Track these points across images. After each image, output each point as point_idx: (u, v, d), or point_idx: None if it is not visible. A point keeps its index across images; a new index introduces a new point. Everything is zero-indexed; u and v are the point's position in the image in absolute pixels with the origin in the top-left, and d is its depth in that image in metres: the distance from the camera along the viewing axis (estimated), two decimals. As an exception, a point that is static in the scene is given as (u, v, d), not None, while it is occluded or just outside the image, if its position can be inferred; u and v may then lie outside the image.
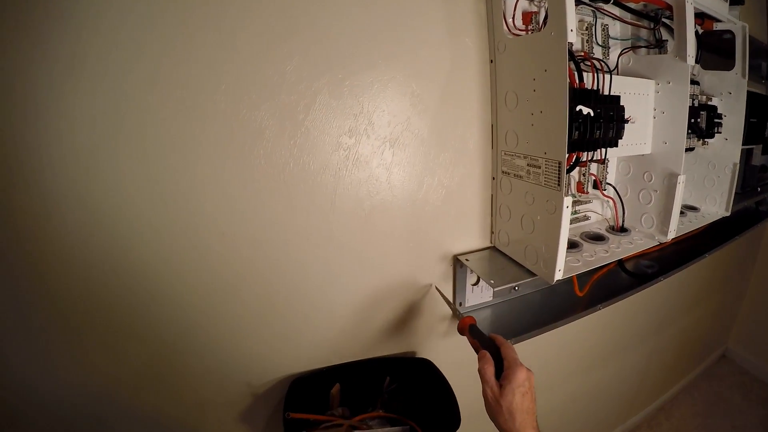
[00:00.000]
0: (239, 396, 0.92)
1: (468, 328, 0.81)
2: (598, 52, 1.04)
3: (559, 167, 0.76)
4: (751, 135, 1.45)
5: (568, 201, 0.77)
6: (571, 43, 0.69)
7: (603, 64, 0.86)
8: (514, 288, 0.88)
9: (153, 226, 0.71)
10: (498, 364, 0.68)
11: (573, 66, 0.83)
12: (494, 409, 0.64)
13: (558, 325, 1.05)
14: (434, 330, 1.12)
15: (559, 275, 0.84)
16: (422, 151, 0.91)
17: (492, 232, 1.05)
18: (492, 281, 0.89)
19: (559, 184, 0.77)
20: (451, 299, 1.08)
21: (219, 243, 0.77)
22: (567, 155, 0.75)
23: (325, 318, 0.94)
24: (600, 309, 1.13)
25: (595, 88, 0.86)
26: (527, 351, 0.98)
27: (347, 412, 0.95)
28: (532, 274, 0.92)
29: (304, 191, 0.82)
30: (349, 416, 0.93)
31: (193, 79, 0.68)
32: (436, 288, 1.02)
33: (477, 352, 0.73)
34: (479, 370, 0.67)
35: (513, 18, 0.87)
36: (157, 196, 0.70)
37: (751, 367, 2.74)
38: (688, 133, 1.02)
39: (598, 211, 1.22)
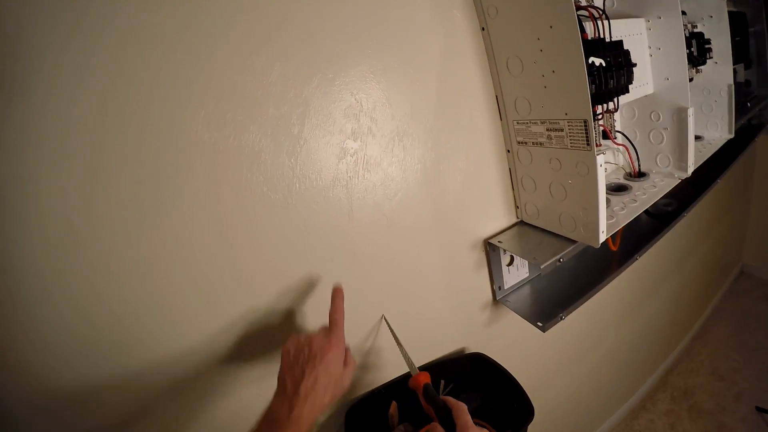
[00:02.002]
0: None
1: (422, 389, 0.72)
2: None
3: (586, 126, 0.72)
4: (737, 54, 1.43)
5: (600, 159, 0.73)
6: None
7: (599, 10, 0.82)
8: (559, 261, 0.84)
9: (149, 286, 0.64)
10: (451, 429, 0.63)
11: (572, 17, 0.78)
12: None
13: (603, 285, 1.02)
14: (476, 321, 1.08)
15: (603, 237, 0.80)
16: (432, 138, 0.85)
17: (517, 207, 1.01)
18: (536, 259, 0.84)
19: (588, 144, 0.73)
20: (488, 284, 1.04)
21: (236, 288, 0.71)
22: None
23: (366, 337, 0.89)
24: (638, 259, 1.10)
25: (598, 36, 0.82)
26: (566, 319, 0.96)
27: (410, 428, 0.90)
28: (571, 242, 0.88)
29: (316, 211, 0.75)
30: (413, 431, 0.89)
31: (166, 111, 0.60)
32: (386, 320, 0.89)
33: (431, 416, 0.68)
34: None
35: (497, -22, 0.81)
36: (149, 253, 0.62)
37: (770, 276, 2.78)
38: (685, 64, 0.99)
39: (612, 161, 1.19)
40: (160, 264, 0.63)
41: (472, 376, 0.96)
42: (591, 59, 0.76)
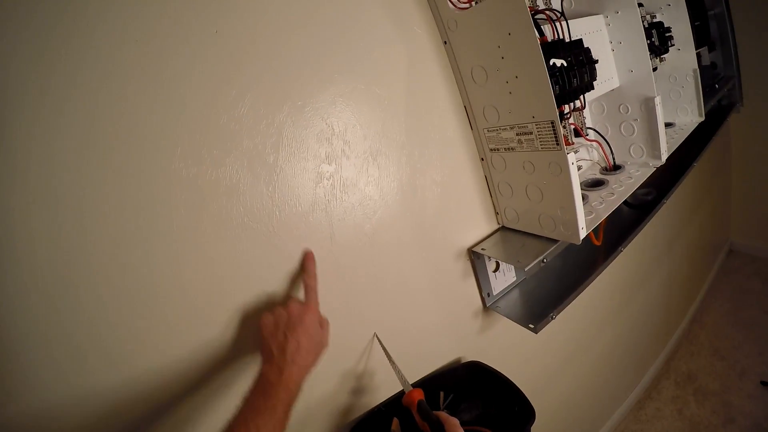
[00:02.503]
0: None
1: (416, 405, 0.72)
2: (540, 2, 1.02)
3: (554, 126, 0.73)
4: (698, 38, 1.46)
5: (572, 158, 0.74)
6: (528, -1, 0.66)
7: (556, 13, 0.83)
8: (543, 261, 0.84)
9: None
10: None
11: (529, 23, 0.79)
12: None
13: (591, 281, 1.02)
14: (469, 330, 1.08)
15: (583, 233, 0.81)
16: (406, 154, 0.86)
17: (497, 213, 1.01)
18: (519, 262, 0.85)
19: (558, 144, 0.74)
20: (477, 292, 1.04)
21: (226, 321, 0.71)
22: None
23: (360, 357, 0.88)
24: (622, 251, 1.11)
25: (557, 38, 0.83)
26: (560, 317, 0.96)
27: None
28: (553, 241, 0.89)
29: (298, 236, 0.75)
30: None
31: (145, 150, 0.60)
32: (377, 338, 0.88)
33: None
34: None
35: (454, -8, 0.83)
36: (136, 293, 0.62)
37: (759, 251, 2.80)
38: (648, 54, 1.00)
39: (587, 157, 1.20)
40: (150, 302, 0.63)
41: (470, 384, 0.96)
42: (552, 61, 0.77)
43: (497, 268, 1.03)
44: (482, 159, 0.96)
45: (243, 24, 0.67)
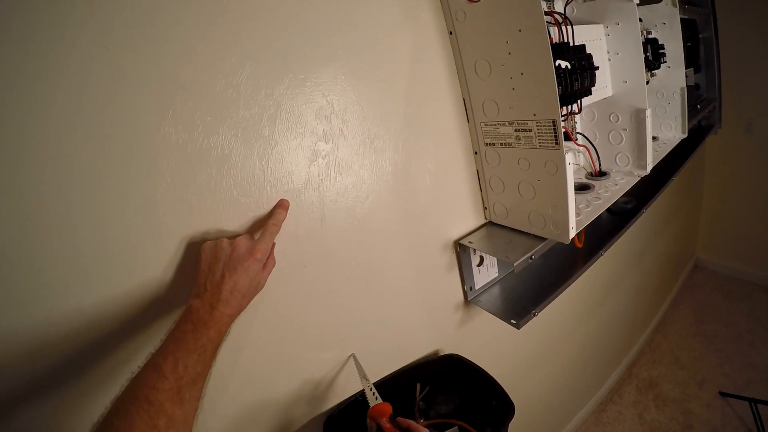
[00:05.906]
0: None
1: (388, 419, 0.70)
2: (543, 5, 1.02)
3: (554, 126, 0.73)
4: (688, 58, 1.51)
5: (569, 158, 0.75)
6: (542, -1, 0.66)
7: (563, 17, 0.84)
8: (531, 258, 0.85)
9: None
10: None
11: (538, 22, 0.80)
12: None
13: (572, 281, 1.04)
14: (449, 322, 1.08)
15: (572, 233, 0.82)
16: (402, 140, 0.85)
17: (485, 208, 1.02)
18: (508, 257, 0.85)
19: (557, 143, 0.74)
20: (460, 285, 1.04)
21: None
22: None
23: (340, 345, 0.87)
24: (602, 255, 1.13)
25: (563, 40, 0.84)
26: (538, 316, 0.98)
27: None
28: (540, 239, 0.90)
29: (289, 215, 0.72)
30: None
31: (134, 111, 0.57)
32: (355, 359, 0.89)
33: None
34: None
35: (466, -16, 0.82)
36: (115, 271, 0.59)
37: (722, 268, 2.93)
38: (639, 68, 1.03)
39: (573, 161, 1.22)
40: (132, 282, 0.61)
41: (448, 377, 0.96)
42: (557, 62, 0.78)
43: (481, 263, 1.04)
44: (476, 152, 0.96)
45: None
